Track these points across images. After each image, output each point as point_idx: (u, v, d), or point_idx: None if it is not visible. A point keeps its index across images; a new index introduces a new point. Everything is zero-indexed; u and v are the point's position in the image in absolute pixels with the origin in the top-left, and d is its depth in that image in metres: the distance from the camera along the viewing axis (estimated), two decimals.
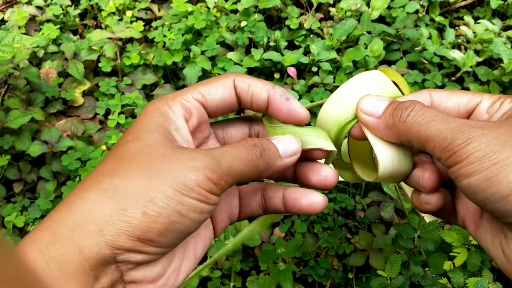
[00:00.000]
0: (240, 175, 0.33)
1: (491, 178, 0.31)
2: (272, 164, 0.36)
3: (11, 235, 0.67)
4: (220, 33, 0.83)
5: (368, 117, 0.37)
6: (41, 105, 0.77)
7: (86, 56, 0.82)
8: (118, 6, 0.91)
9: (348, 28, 0.81)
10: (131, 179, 0.31)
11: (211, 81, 0.38)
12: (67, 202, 0.31)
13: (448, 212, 0.41)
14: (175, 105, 0.36)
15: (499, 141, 0.31)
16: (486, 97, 0.38)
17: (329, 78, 0.77)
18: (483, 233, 0.37)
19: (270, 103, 0.38)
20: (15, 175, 0.71)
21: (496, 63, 0.84)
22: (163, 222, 0.30)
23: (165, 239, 0.31)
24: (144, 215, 0.30)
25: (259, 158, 0.35)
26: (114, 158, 0.33)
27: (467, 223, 0.39)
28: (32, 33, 0.91)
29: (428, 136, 0.34)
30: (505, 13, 0.93)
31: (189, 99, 0.37)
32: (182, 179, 0.31)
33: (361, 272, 0.65)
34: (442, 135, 0.33)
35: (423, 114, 0.35)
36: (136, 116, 0.74)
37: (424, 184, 0.38)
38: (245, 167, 0.34)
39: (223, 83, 0.38)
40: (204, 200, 0.31)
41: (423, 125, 0.34)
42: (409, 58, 0.82)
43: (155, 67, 0.83)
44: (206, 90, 0.37)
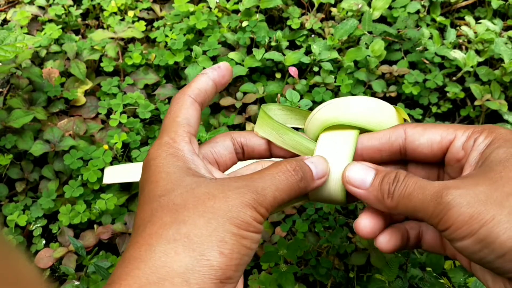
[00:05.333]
0: (282, 201, 0.36)
1: (483, 240, 0.30)
2: (307, 187, 0.38)
3: (13, 234, 0.67)
4: (222, 33, 0.84)
5: (358, 190, 0.38)
6: (43, 105, 0.77)
7: (88, 56, 0.82)
8: (120, 6, 0.91)
9: (349, 28, 0.81)
10: (198, 224, 0.32)
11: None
12: (140, 259, 0.31)
13: (434, 245, 0.41)
14: (179, 142, 0.38)
15: (479, 199, 0.31)
16: (460, 132, 0.37)
17: (330, 78, 0.77)
18: (481, 272, 0.36)
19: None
20: (17, 174, 0.72)
21: (497, 63, 0.84)
22: (236, 258, 0.32)
23: (238, 273, 0.33)
24: (221, 255, 0.31)
25: (299, 183, 0.37)
26: (162, 211, 0.34)
27: (459, 258, 0.39)
28: (34, 33, 0.91)
29: (413, 207, 0.34)
30: (506, 13, 0.93)
31: (182, 133, 0.38)
32: (242, 217, 0.33)
33: (362, 271, 0.65)
34: (425, 205, 0.33)
35: (405, 186, 0.35)
36: (138, 115, 0.74)
37: (357, 232, 0.39)
38: (286, 194, 0.36)
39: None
40: (258, 231, 0.34)
41: (407, 197, 0.34)
42: (410, 58, 0.82)
43: (157, 67, 0.83)
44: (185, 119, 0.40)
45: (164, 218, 0.33)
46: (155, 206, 0.34)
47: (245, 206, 0.33)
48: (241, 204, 0.33)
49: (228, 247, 0.32)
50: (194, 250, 0.31)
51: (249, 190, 0.34)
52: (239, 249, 0.32)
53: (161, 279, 0.30)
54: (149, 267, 0.31)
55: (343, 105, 0.42)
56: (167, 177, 0.35)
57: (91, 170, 0.68)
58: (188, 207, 0.33)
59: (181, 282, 0.30)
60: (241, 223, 0.33)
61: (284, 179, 0.36)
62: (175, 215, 0.33)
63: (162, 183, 0.35)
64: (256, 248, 0.34)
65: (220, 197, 0.33)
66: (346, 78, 0.77)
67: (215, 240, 0.32)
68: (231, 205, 0.33)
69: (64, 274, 0.65)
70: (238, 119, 0.75)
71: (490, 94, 0.77)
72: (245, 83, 0.77)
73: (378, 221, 0.39)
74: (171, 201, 0.34)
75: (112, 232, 0.66)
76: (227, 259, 0.31)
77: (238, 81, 0.81)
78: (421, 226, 0.41)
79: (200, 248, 0.31)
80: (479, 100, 0.77)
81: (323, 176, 0.39)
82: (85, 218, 0.66)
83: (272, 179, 0.35)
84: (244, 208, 0.33)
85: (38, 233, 0.68)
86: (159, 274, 0.30)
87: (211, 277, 0.31)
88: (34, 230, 0.68)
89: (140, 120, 0.74)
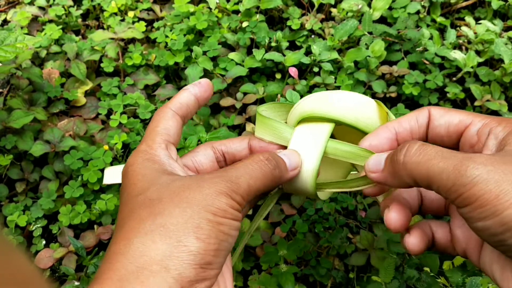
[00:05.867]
0: (257, 190, 0.37)
1: (508, 223, 0.29)
2: (282, 176, 0.39)
3: (13, 234, 0.67)
4: (222, 34, 0.84)
5: (375, 174, 0.38)
6: (44, 105, 0.77)
7: (88, 56, 0.82)
8: (120, 6, 0.91)
9: (349, 28, 0.81)
10: (172, 213, 0.33)
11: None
12: (119, 252, 0.32)
13: (445, 244, 0.40)
14: (156, 149, 0.39)
15: (508, 179, 0.29)
16: (477, 119, 0.37)
17: (331, 79, 0.77)
18: (489, 263, 0.35)
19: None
20: (18, 174, 0.72)
21: (497, 64, 0.84)
22: (214, 243, 0.33)
23: (218, 258, 0.33)
24: (198, 240, 0.32)
25: (274, 170, 0.38)
26: (140, 208, 0.35)
27: (469, 252, 0.38)
28: (34, 33, 0.91)
29: (429, 176, 0.32)
30: (506, 13, 0.93)
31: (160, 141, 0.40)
32: (217, 204, 0.33)
33: (362, 272, 0.65)
34: (445, 175, 0.31)
35: (420, 152, 0.33)
36: (138, 116, 0.74)
37: (389, 226, 0.38)
38: (261, 182, 0.37)
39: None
40: (235, 218, 0.35)
41: (423, 164, 0.33)
42: (410, 58, 0.82)
43: (157, 67, 0.83)
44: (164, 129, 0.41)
45: (141, 213, 0.34)
46: (133, 205, 0.35)
47: (219, 194, 0.34)
48: (215, 193, 0.34)
49: (205, 233, 0.32)
50: (171, 238, 0.32)
51: (223, 179, 0.35)
52: (216, 234, 0.33)
53: (139, 268, 0.30)
54: (127, 258, 0.31)
55: (322, 98, 0.43)
56: (143, 178, 0.36)
57: (91, 170, 0.68)
58: (164, 200, 0.34)
59: (159, 269, 0.30)
60: (217, 210, 0.33)
61: (257, 167, 0.37)
62: (151, 209, 0.34)
63: (139, 184, 0.36)
64: (236, 235, 0.35)
65: (195, 188, 0.34)
66: (346, 78, 0.77)
67: (191, 227, 0.32)
68: (206, 193, 0.34)
69: (64, 275, 0.65)
70: (238, 119, 0.75)
71: (490, 94, 0.77)
72: (245, 83, 0.77)
73: (405, 214, 0.38)
74: (147, 198, 0.35)
75: (112, 232, 0.66)
76: (204, 244, 0.32)
77: (238, 81, 0.81)
78: (432, 226, 0.40)
79: (176, 235, 0.32)
80: (479, 101, 0.77)
81: (296, 168, 0.40)
82: (85, 218, 0.66)
83: (245, 168, 0.37)
84: (218, 196, 0.34)
85: (38, 233, 0.68)
86: (138, 264, 0.31)
87: (190, 262, 0.31)
88: (34, 230, 0.68)
89: (140, 121, 0.74)
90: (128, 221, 0.34)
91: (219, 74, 0.78)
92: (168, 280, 0.30)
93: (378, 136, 0.40)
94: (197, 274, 0.31)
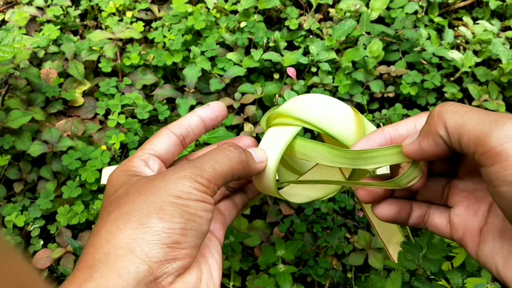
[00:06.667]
0: (226, 174, 0.37)
1: None
2: (250, 166, 0.40)
3: (11, 234, 0.67)
4: (220, 34, 0.84)
5: (410, 144, 0.36)
6: (42, 105, 0.77)
7: (86, 56, 0.82)
8: (118, 6, 0.91)
9: (347, 28, 0.81)
10: (136, 201, 0.34)
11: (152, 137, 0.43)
12: (89, 245, 0.33)
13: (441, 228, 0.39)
14: (133, 161, 0.39)
15: None
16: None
17: (328, 79, 0.77)
18: (490, 255, 0.34)
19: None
20: (16, 175, 0.72)
21: (495, 64, 0.84)
22: (179, 222, 0.33)
23: (188, 238, 0.33)
24: (161, 221, 0.32)
25: (239, 156, 0.38)
26: (109, 205, 0.36)
27: (465, 241, 0.37)
28: (32, 33, 0.91)
29: (464, 125, 0.30)
30: (504, 13, 0.93)
31: (142, 154, 0.40)
32: (180, 188, 0.34)
33: (360, 272, 0.65)
34: (480, 125, 0.29)
35: (457, 105, 0.32)
36: (136, 116, 0.74)
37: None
38: (227, 166, 0.37)
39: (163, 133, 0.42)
40: (203, 200, 0.34)
41: (459, 113, 0.31)
42: (408, 58, 0.82)
43: (155, 67, 0.83)
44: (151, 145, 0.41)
45: (109, 208, 0.35)
46: (105, 205, 0.36)
47: (182, 178, 0.34)
48: (178, 178, 0.34)
49: (168, 213, 0.32)
50: (134, 222, 0.32)
51: (186, 167, 0.35)
52: (180, 214, 0.33)
53: (106, 254, 0.31)
54: (95, 248, 0.32)
55: (296, 101, 0.44)
56: (117, 182, 0.37)
57: (89, 170, 0.68)
58: (130, 194, 0.35)
59: (125, 252, 0.31)
60: (181, 193, 0.33)
61: (222, 154, 0.38)
62: (118, 202, 0.35)
63: (112, 188, 0.37)
64: (207, 216, 0.35)
65: (159, 178, 0.35)
66: (344, 78, 0.77)
67: (153, 210, 0.32)
68: (169, 180, 0.34)
69: (62, 275, 0.65)
70: (236, 119, 0.75)
71: (488, 94, 0.77)
72: (243, 83, 0.77)
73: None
74: (116, 195, 0.36)
75: None
76: (168, 224, 0.32)
77: (236, 81, 0.81)
78: (430, 208, 0.40)
79: (139, 220, 0.32)
80: (477, 101, 0.77)
81: (262, 161, 0.41)
82: (83, 218, 0.66)
83: (209, 155, 0.37)
84: (181, 179, 0.34)
85: (36, 233, 0.68)
86: (104, 251, 0.31)
87: (156, 242, 0.31)
88: (32, 230, 0.68)
89: (138, 121, 0.74)
90: (99, 218, 0.35)
91: (217, 74, 0.78)
92: (134, 261, 0.30)
93: (371, 140, 0.38)
94: (165, 254, 0.31)
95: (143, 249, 0.31)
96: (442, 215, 0.39)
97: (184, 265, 0.33)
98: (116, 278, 0.30)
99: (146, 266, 0.31)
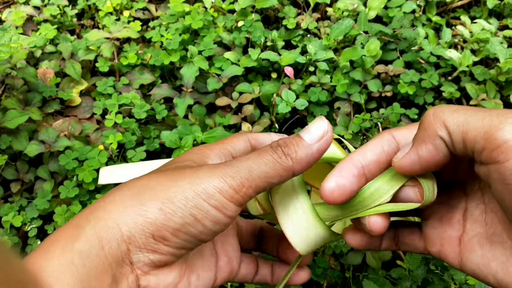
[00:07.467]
0: (265, 177, 0.32)
1: None
2: (302, 156, 0.33)
3: (9, 235, 0.67)
4: (217, 33, 0.83)
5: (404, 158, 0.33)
6: (38, 105, 0.77)
7: (83, 56, 0.82)
8: (115, 6, 0.91)
9: (345, 28, 0.81)
10: (155, 179, 0.32)
11: (232, 138, 0.40)
12: (94, 204, 0.33)
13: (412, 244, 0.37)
14: (214, 149, 0.37)
15: None
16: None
17: (326, 78, 0.77)
18: (483, 263, 0.32)
19: None
20: (13, 175, 0.71)
21: (492, 63, 0.84)
22: (177, 222, 0.31)
23: (178, 239, 0.32)
24: (160, 212, 0.31)
25: (282, 157, 0.33)
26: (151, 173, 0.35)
27: (445, 254, 0.34)
28: (29, 33, 0.91)
29: (467, 122, 0.28)
30: (501, 12, 0.93)
31: (224, 148, 0.38)
32: (205, 185, 0.31)
33: (358, 271, 0.65)
34: (487, 121, 0.27)
35: (452, 106, 0.30)
36: (133, 116, 0.74)
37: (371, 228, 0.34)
38: (268, 168, 0.32)
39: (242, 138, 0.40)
40: (221, 208, 0.32)
41: (459, 111, 0.29)
42: (406, 57, 0.82)
43: (153, 67, 0.83)
44: (233, 144, 0.39)
45: (147, 175, 0.35)
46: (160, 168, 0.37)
47: (212, 176, 0.31)
48: (208, 174, 0.32)
49: (172, 207, 0.31)
50: (138, 199, 0.31)
51: (224, 164, 0.33)
52: (183, 215, 0.31)
53: (98, 220, 0.31)
54: (93, 210, 0.32)
55: None
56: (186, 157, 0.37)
57: (86, 170, 0.68)
58: (161, 170, 0.35)
59: (113, 225, 0.31)
60: (202, 192, 0.31)
61: (263, 153, 0.33)
62: (150, 174, 0.35)
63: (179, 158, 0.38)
64: (212, 230, 0.32)
65: (194, 168, 0.33)
66: (342, 78, 0.77)
67: (162, 196, 0.31)
68: (198, 173, 0.32)
69: None
70: (234, 119, 0.75)
71: (485, 93, 0.77)
72: (241, 83, 0.77)
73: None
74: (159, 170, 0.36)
75: None
76: (165, 218, 0.31)
77: (234, 81, 0.80)
78: (398, 228, 0.38)
79: (143, 198, 0.31)
80: (474, 100, 0.77)
81: (321, 137, 0.33)
82: None
83: (251, 155, 0.33)
84: (211, 177, 0.31)
85: (34, 234, 0.67)
86: (98, 216, 0.31)
87: (143, 229, 0.31)
88: (30, 231, 0.67)
89: (135, 120, 0.74)
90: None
91: (214, 74, 0.78)
92: (118, 238, 0.30)
93: (343, 173, 0.34)
94: (147, 242, 0.31)
95: (129, 229, 0.31)
96: (412, 231, 0.37)
97: (163, 261, 0.32)
98: (99, 249, 0.30)
99: (125, 247, 0.31)
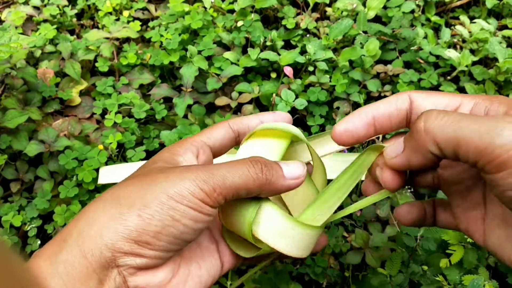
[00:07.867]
0: (236, 188, 0.34)
1: None
2: (275, 182, 0.35)
3: (8, 234, 0.67)
4: (217, 33, 0.84)
5: (396, 158, 0.35)
6: (38, 105, 0.77)
7: (83, 56, 0.82)
8: (115, 6, 0.91)
9: (344, 27, 0.81)
10: (130, 188, 0.34)
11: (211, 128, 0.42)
12: (76, 217, 0.34)
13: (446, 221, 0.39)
14: (184, 145, 0.39)
15: None
16: (465, 100, 0.35)
17: (326, 78, 0.77)
18: (498, 243, 0.33)
19: None
20: (12, 174, 0.71)
21: (491, 62, 0.84)
22: (157, 225, 0.32)
23: (160, 242, 0.32)
24: (139, 218, 0.32)
25: (258, 173, 0.35)
26: (125, 180, 0.36)
27: (471, 231, 0.36)
28: (29, 33, 0.91)
29: (457, 138, 0.29)
30: (500, 12, 0.93)
31: (196, 140, 0.40)
32: (177, 188, 0.32)
33: (358, 270, 0.65)
34: (477, 136, 0.28)
35: (443, 116, 0.30)
36: (133, 115, 0.74)
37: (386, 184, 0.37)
38: (241, 180, 0.34)
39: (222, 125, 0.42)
40: (197, 208, 0.33)
41: (448, 126, 0.30)
42: (405, 57, 0.82)
43: (152, 66, 0.83)
44: (208, 134, 0.41)
45: (120, 183, 0.36)
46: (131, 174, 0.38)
47: (184, 179, 0.33)
48: (180, 177, 0.33)
49: (149, 212, 0.32)
50: (116, 208, 0.32)
51: (197, 167, 0.34)
52: (162, 217, 0.32)
53: (80, 232, 0.32)
54: (76, 223, 0.33)
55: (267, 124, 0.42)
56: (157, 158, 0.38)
57: (86, 170, 0.68)
58: (134, 176, 0.36)
59: (95, 235, 0.32)
60: (174, 194, 0.32)
61: (240, 165, 0.35)
62: (122, 182, 0.35)
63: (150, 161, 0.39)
64: (193, 228, 0.33)
65: (167, 171, 0.34)
66: (341, 77, 0.77)
67: (139, 204, 0.32)
68: (171, 176, 0.33)
69: None
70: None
71: (484, 93, 0.77)
72: (240, 83, 0.77)
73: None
74: (132, 175, 0.37)
75: None
76: (145, 223, 0.32)
77: (234, 81, 0.81)
78: (436, 203, 0.40)
79: (121, 208, 0.32)
80: None
81: (298, 177, 0.37)
82: None
83: (229, 164, 0.35)
84: (182, 180, 0.33)
85: (33, 233, 0.67)
86: (80, 228, 0.32)
87: (124, 236, 0.32)
88: (29, 230, 0.67)
89: (135, 120, 0.74)
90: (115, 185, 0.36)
91: (214, 74, 0.78)
92: (101, 247, 0.31)
93: (354, 120, 0.37)
94: (131, 249, 0.32)
95: (111, 238, 0.31)
96: (446, 208, 0.39)
97: (150, 264, 0.33)
98: (82, 258, 0.31)
99: (109, 253, 0.31)
